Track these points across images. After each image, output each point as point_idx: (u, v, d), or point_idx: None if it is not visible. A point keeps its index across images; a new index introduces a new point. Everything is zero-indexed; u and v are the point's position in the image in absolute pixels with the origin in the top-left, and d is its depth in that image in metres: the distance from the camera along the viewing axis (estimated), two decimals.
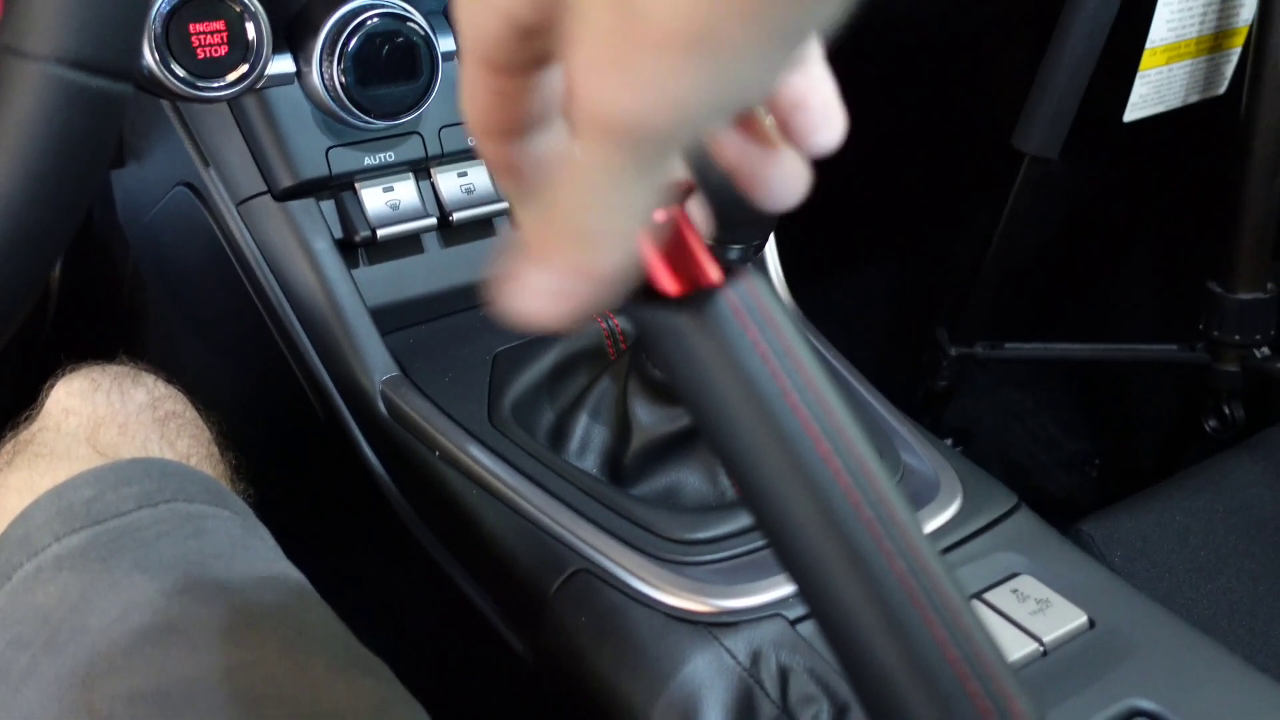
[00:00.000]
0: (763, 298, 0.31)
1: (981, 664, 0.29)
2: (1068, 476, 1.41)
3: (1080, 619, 0.54)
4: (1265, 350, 1.11)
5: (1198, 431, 1.18)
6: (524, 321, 0.26)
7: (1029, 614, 0.54)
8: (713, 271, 0.30)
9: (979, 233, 1.17)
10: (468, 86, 0.27)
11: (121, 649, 0.49)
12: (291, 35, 0.65)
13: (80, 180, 0.33)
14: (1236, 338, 1.10)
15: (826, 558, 0.30)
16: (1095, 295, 1.50)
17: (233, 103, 0.67)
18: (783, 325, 0.31)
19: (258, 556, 0.57)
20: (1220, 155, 1.09)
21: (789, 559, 0.31)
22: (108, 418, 0.63)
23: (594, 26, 0.21)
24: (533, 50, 0.26)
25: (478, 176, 0.72)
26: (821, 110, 0.28)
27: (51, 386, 0.65)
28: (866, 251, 1.53)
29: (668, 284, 0.30)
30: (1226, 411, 1.15)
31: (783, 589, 0.54)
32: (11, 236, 0.32)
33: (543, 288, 0.25)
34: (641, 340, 0.31)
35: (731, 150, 0.30)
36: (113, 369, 0.67)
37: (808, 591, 0.31)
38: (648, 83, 0.21)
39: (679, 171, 0.27)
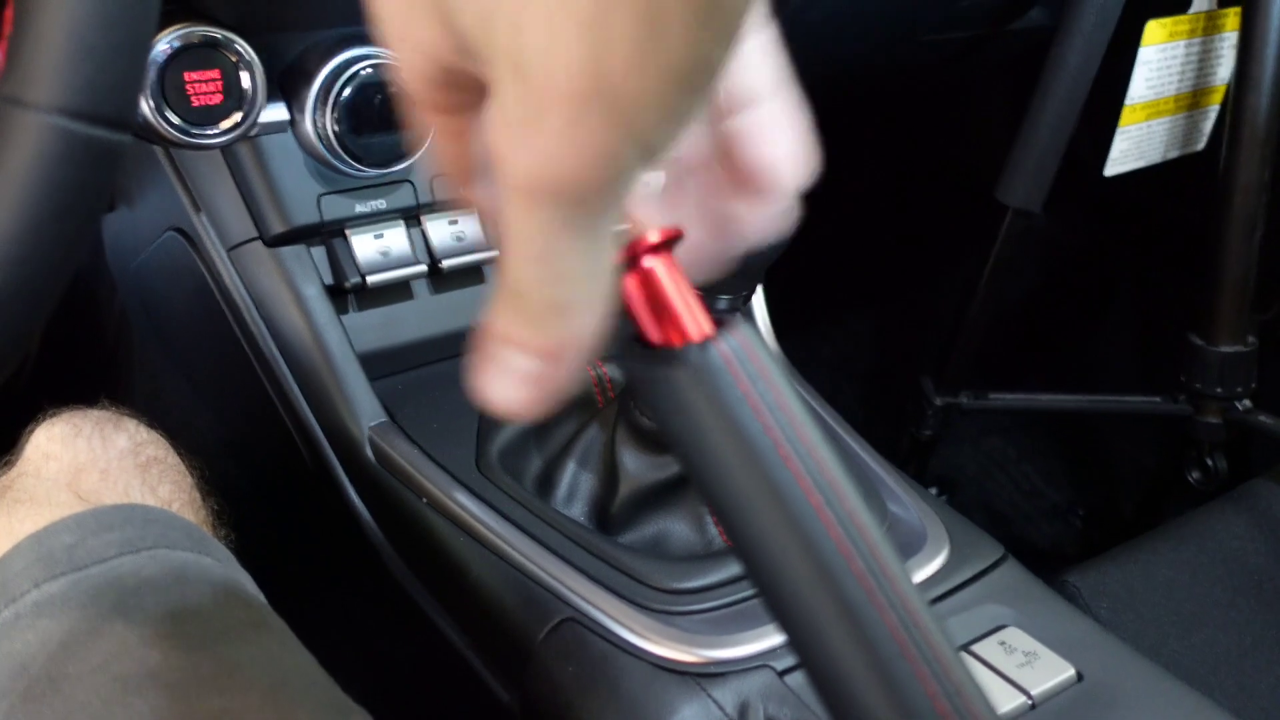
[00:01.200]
0: (755, 350, 0.31)
1: (972, 718, 0.30)
2: (1051, 525, 1.42)
3: (1068, 672, 0.54)
4: (1247, 402, 1.12)
5: (1180, 482, 1.18)
6: (499, 409, 0.26)
7: (1017, 666, 0.54)
8: (705, 323, 0.30)
9: (962, 283, 1.18)
10: (423, 130, 0.28)
11: (101, 698, 0.48)
12: (285, 84, 0.66)
13: (77, 229, 0.33)
14: (1218, 390, 1.11)
15: (818, 610, 0.30)
16: (1078, 345, 1.51)
17: (225, 149, 0.67)
18: (775, 378, 0.31)
19: (240, 604, 0.56)
20: (1200, 209, 1.10)
21: (780, 611, 0.31)
22: (89, 463, 0.63)
23: (501, 93, 0.21)
24: (462, 92, 0.26)
25: (468, 224, 0.73)
26: (777, 158, 0.28)
27: (31, 431, 0.65)
28: (851, 301, 1.54)
29: (660, 335, 0.30)
30: (1209, 463, 1.15)
31: (770, 640, 0.54)
32: (6, 285, 0.32)
33: (514, 370, 0.25)
34: (633, 391, 0.32)
35: (700, 197, 0.30)
36: (94, 414, 0.66)
37: (799, 643, 0.31)
38: (555, 141, 0.21)
39: (621, 228, 0.26)
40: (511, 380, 0.25)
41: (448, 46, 0.24)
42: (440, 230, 0.72)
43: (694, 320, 0.31)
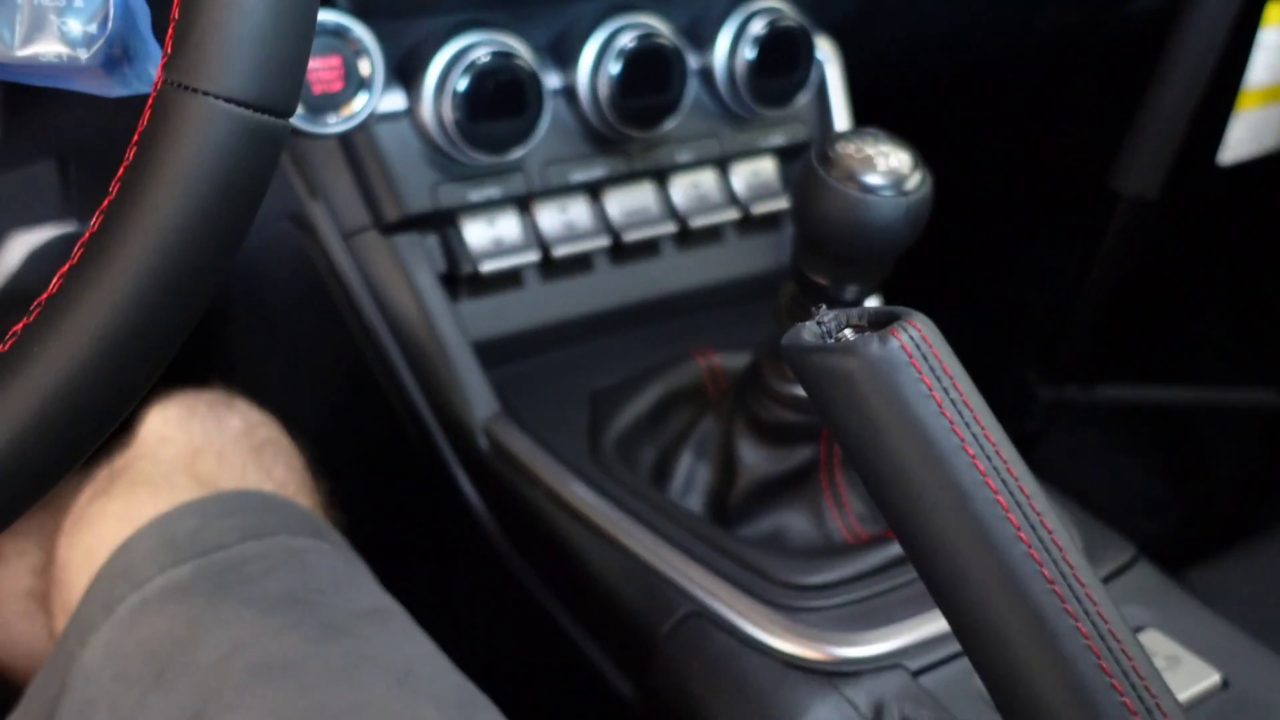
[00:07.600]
0: (935, 342, 0.30)
1: None
2: (1148, 521, 1.38)
3: (1213, 678, 0.52)
4: None
5: None
6: None
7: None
8: (882, 314, 0.29)
9: (1056, 273, 1.15)
10: None
11: (232, 686, 0.49)
12: (402, 71, 0.66)
13: (242, 215, 0.33)
14: None
15: (1006, 619, 0.29)
16: (1181, 336, 1.47)
17: (342, 136, 0.67)
18: (957, 371, 0.30)
19: (360, 591, 0.56)
20: None
21: (959, 616, 0.30)
22: (205, 446, 0.63)
23: None
24: None
25: (578, 211, 0.72)
26: None
27: (144, 412, 0.65)
28: (941, 291, 1.51)
29: None
30: None
31: (902, 638, 0.52)
32: (173, 271, 0.32)
33: None
34: (802, 387, 0.31)
35: None
36: (207, 395, 0.67)
37: (979, 649, 0.30)
38: None
39: None
40: None
41: None
42: (551, 218, 0.71)
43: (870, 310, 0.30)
